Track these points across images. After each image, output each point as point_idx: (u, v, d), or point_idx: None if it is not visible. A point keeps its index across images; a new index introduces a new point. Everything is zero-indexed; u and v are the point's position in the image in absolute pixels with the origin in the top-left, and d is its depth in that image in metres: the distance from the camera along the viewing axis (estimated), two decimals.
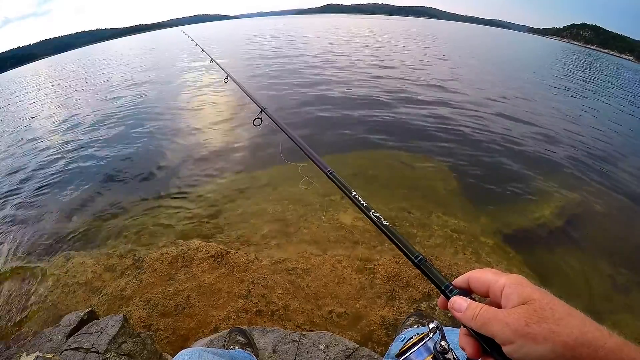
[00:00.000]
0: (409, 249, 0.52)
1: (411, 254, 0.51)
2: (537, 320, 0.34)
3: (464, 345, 0.41)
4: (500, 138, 5.36)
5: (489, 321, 0.38)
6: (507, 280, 0.40)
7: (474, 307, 0.40)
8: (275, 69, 10.82)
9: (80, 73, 17.88)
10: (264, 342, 1.58)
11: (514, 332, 0.35)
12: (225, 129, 5.78)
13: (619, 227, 3.49)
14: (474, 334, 0.40)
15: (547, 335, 0.33)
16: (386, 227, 0.57)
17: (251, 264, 2.49)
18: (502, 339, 0.36)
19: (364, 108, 6.52)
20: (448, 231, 2.99)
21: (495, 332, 0.37)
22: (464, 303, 0.42)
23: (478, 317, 0.39)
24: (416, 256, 0.50)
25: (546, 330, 0.34)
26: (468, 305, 0.41)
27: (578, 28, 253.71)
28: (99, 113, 7.73)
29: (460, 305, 0.42)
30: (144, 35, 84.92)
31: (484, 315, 0.38)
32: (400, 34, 32.04)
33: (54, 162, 5.15)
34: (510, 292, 0.38)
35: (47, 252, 3.00)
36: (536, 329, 0.34)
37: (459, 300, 0.42)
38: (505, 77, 11.65)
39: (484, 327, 0.38)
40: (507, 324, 0.36)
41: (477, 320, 0.39)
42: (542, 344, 0.33)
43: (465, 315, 0.40)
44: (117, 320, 1.65)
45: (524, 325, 0.35)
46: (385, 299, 2.18)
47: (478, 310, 0.39)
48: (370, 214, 0.60)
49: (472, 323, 0.39)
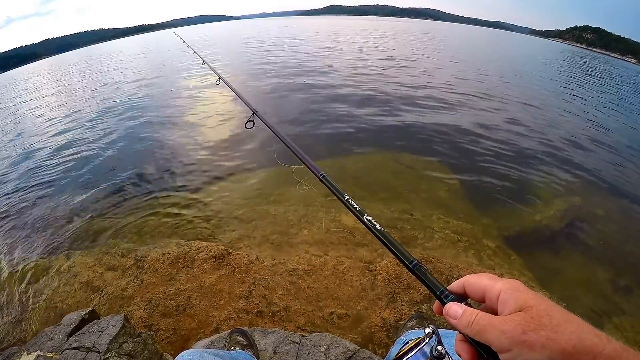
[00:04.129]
0: (403, 253, 0.51)
1: (406, 259, 0.50)
2: (534, 327, 0.34)
3: (460, 351, 0.41)
4: (502, 141, 5.35)
5: (485, 328, 0.37)
6: (503, 285, 0.39)
7: (470, 314, 0.39)
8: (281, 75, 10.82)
9: (81, 73, 17.95)
10: (264, 343, 1.58)
11: (510, 339, 0.34)
12: (224, 130, 5.79)
13: (620, 230, 3.47)
14: (470, 340, 0.40)
15: (545, 342, 0.33)
16: (380, 232, 0.55)
17: (252, 265, 2.49)
18: (499, 347, 0.35)
19: (364, 110, 6.52)
20: (449, 233, 2.99)
21: (491, 340, 0.36)
22: (459, 310, 0.41)
23: (474, 324, 0.38)
24: (410, 261, 0.49)
25: (543, 337, 0.33)
26: (463, 311, 0.40)
27: (580, 30, 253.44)
28: (98, 113, 7.75)
29: (456, 312, 0.41)
30: (145, 36, 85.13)
31: (479, 322, 0.38)
32: (404, 35, 32.05)
33: (54, 162, 5.16)
34: (506, 298, 0.38)
35: (48, 251, 3.00)
36: (533, 336, 0.33)
37: (454, 307, 0.42)
38: (507, 79, 11.62)
39: (480, 335, 0.37)
40: (504, 331, 0.35)
41: (472, 328, 0.38)
42: (540, 351, 0.33)
43: (461, 322, 0.40)
44: (118, 320, 1.65)
45: (520, 333, 0.34)
46: (386, 300, 2.18)
47: (474, 317, 0.39)
48: (364, 218, 0.58)
49: (468, 330, 0.39)
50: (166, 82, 10.85)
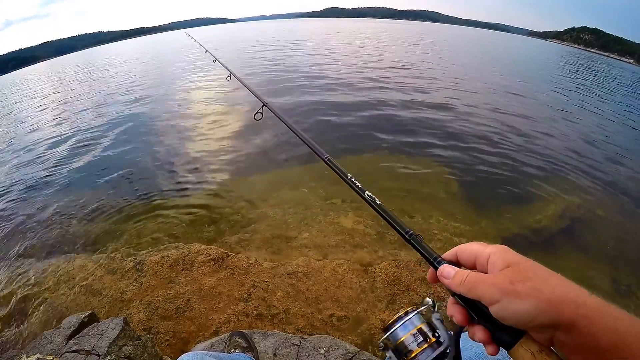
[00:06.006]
0: (400, 225, 0.54)
1: (402, 230, 0.53)
2: (521, 279, 0.36)
3: (453, 313, 0.43)
4: (502, 142, 5.37)
5: (476, 284, 0.39)
6: (492, 249, 0.42)
7: (462, 273, 0.42)
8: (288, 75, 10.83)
9: (82, 74, 17.97)
10: (264, 345, 1.58)
11: (499, 290, 0.37)
12: (225, 132, 5.80)
13: (620, 229, 3.48)
14: (462, 301, 0.42)
15: (531, 292, 0.35)
16: (379, 206, 0.60)
17: (252, 268, 2.49)
18: (489, 299, 0.38)
19: (365, 111, 6.54)
20: (449, 235, 2.99)
21: (481, 294, 0.38)
22: (452, 271, 0.43)
23: (465, 281, 0.41)
24: (407, 231, 0.52)
25: (529, 287, 0.35)
26: (456, 272, 0.43)
27: (578, 31, 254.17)
28: (97, 114, 7.76)
29: (449, 273, 0.43)
30: (148, 38, 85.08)
31: (470, 280, 0.40)
32: (403, 36, 32.16)
33: (54, 165, 5.17)
34: (495, 259, 0.40)
35: (48, 255, 3.00)
36: (520, 287, 0.36)
37: (447, 269, 0.44)
38: (508, 80, 11.66)
39: (472, 291, 0.40)
40: (493, 283, 0.38)
41: (464, 285, 0.41)
42: (527, 300, 0.35)
43: (454, 281, 0.42)
44: (117, 323, 1.65)
45: (508, 284, 0.36)
46: (386, 302, 2.18)
47: (465, 276, 0.41)
48: (365, 194, 0.63)
49: (460, 288, 0.41)
50: (177, 80, 10.77)
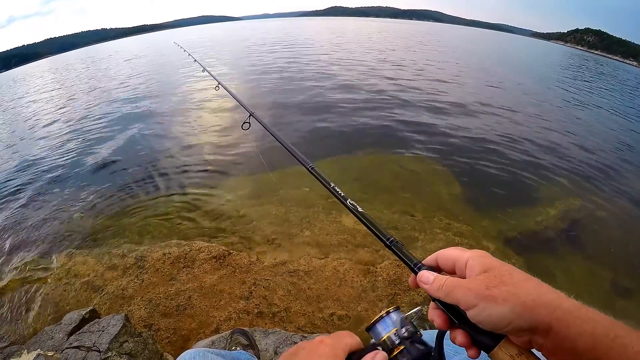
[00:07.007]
0: (381, 231, 0.56)
1: (383, 236, 0.55)
2: (497, 284, 0.37)
3: (433, 317, 0.44)
4: (503, 143, 5.35)
5: (454, 289, 0.40)
6: (471, 254, 0.42)
7: (440, 279, 0.43)
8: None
9: (82, 74, 17.97)
10: (265, 343, 1.58)
11: (476, 295, 0.37)
12: (224, 134, 5.79)
13: (620, 231, 3.47)
14: (442, 305, 0.43)
15: (507, 296, 0.36)
16: (361, 214, 0.61)
17: (253, 266, 2.49)
18: (466, 304, 0.38)
19: (366, 112, 6.53)
20: (450, 235, 2.99)
21: (459, 298, 0.39)
22: (430, 276, 0.44)
23: (443, 287, 0.41)
24: (387, 238, 0.54)
25: (505, 292, 0.36)
26: (435, 277, 0.44)
27: (582, 33, 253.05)
28: (97, 115, 7.77)
29: (427, 278, 0.44)
30: (147, 36, 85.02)
31: (448, 285, 0.41)
32: (404, 36, 32.09)
33: (55, 162, 5.17)
34: (473, 264, 0.41)
35: (49, 251, 3.00)
36: (496, 291, 0.36)
37: (425, 274, 0.45)
38: (509, 81, 11.63)
39: (449, 296, 0.40)
40: (470, 288, 0.38)
41: (442, 290, 0.41)
42: (502, 304, 0.35)
43: (433, 286, 0.43)
44: (118, 320, 1.66)
45: (484, 289, 0.37)
46: (387, 302, 2.18)
47: (443, 281, 0.42)
48: (347, 202, 0.65)
49: (439, 293, 0.42)
50: (166, 90, 10.64)
